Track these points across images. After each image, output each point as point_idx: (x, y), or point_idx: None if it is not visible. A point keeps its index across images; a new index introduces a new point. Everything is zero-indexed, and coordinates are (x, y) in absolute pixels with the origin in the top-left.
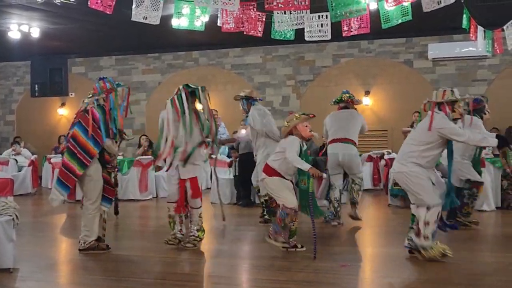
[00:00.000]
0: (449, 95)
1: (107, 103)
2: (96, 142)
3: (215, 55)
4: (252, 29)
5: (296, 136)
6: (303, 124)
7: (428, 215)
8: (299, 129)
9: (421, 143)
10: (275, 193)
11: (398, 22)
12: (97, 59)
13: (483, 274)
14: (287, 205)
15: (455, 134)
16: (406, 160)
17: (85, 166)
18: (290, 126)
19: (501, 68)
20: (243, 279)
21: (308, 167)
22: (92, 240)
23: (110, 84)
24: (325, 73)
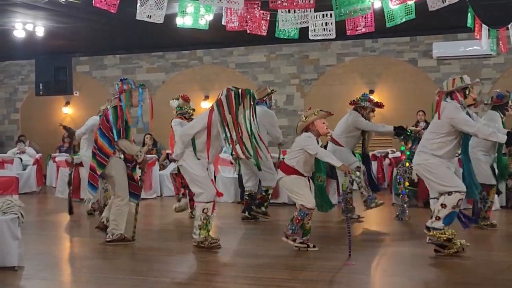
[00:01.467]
0: (459, 82)
1: (119, 104)
2: (110, 143)
3: (219, 53)
4: (256, 28)
5: (312, 133)
6: (321, 121)
7: (447, 199)
8: (317, 125)
9: (437, 134)
10: (294, 192)
11: (402, 21)
12: (102, 57)
13: (492, 273)
14: (307, 205)
15: (465, 125)
16: (425, 152)
17: (103, 165)
18: (308, 121)
19: (506, 67)
20: (245, 277)
21: (340, 164)
22: (119, 233)
23: (128, 85)
24: (330, 72)
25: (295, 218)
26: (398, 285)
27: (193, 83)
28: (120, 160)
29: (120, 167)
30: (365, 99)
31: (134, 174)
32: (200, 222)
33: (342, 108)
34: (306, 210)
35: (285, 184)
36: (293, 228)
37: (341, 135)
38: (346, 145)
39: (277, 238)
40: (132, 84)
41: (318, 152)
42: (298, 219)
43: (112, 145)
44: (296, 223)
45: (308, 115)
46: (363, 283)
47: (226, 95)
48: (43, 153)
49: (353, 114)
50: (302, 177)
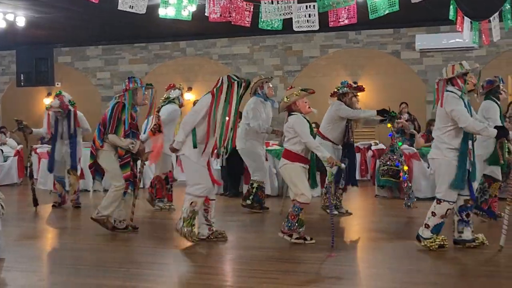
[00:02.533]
0: (459, 69)
1: (121, 101)
2: (99, 135)
3: (202, 45)
4: (239, 19)
5: (297, 112)
6: (303, 100)
7: (437, 207)
8: (299, 105)
9: (445, 127)
10: (292, 182)
11: (385, 13)
12: (84, 48)
13: (475, 264)
14: (301, 201)
15: (459, 119)
16: (439, 147)
17: (93, 156)
18: (290, 102)
19: (488, 59)
20: (226, 268)
21: (327, 156)
22: (103, 215)
23: (134, 83)
24: (313, 64)
25: (290, 215)
26: (379, 277)
27: (176, 74)
28: (109, 152)
29: (110, 158)
30: (343, 86)
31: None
32: (185, 215)
33: (325, 99)
34: (300, 204)
35: (285, 171)
36: (290, 224)
37: (327, 126)
38: (333, 138)
39: (259, 229)
40: (138, 83)
41: (307, 142)
42: (294, 215)
43: (101, 138)
44: (292, 220)
45: (289, 94)
46: (344, 274)
47: (229, 85)
48: (25, 144)
49: (335, 104)
50: (303, 166)
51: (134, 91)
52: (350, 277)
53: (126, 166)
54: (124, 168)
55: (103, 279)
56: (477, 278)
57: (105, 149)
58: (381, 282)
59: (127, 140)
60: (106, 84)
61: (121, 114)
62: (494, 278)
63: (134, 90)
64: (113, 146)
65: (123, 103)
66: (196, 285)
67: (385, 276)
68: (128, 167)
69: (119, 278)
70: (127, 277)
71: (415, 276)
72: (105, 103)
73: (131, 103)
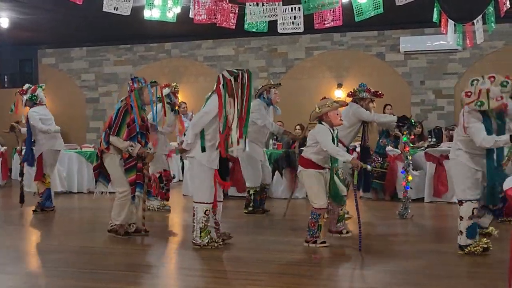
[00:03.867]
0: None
1: (128, 102)
2: (105, 138)
3: (188, 47)
4: (224, 21)
5: (326, 123)
6: (334, 112)
7: (461, 209)
8: (330, 117)
9: (463, 135)
10: (307, 188)
11: (371, 15)
12: (68, 50)
13: (465, 265)
14: (317, 207)
15: (473, 136)
16: (454, 147)
17: (98, 158)
18: (321, 112)
19: (472, 62)
20: (211, 270)
21: (350, 158)
22: (114, 225)
23: (138, 83)
24: (298, 66)
25: (310, 223)
26: (364, 277)
27: (161, 76)
28: (114, 156)
29: (114, 163)
30: (363, 90)
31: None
32: (201, 225)
33: (310, 101)
34: (317, 211)
35: (302, 178)
36: (311, 233)
37: (341, 129)
38: (346, 140)
39: (246, 231)
40: (142, 82)
41: (328, 149)
42: (313, 223)
43: (106, 141)
44: (312, 227)
45: (321, 105)
46: (329, 275)
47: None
48: (8, 146)
49: (353, 106)
50: (319, 172)
51: (140, 91)
52: (335, 278)
53: (131, 170)
54: (129, 172)
55: (89, 281)
56: (461, 279)
57: (110, 152)
58: (365, 283)
59: (126, 142)
60: (91, 85)
61: (124, 117)
62: (478, 280)
63: (140, 90)
64: (118, 149)
65: (130, 105)
66: (178, 286)
67: (371, 278)
68: (133, 170)
69: (103, 280)
70: (112, 279)
71: (399, 277)
72: (90, 105)
73: (140, 104)
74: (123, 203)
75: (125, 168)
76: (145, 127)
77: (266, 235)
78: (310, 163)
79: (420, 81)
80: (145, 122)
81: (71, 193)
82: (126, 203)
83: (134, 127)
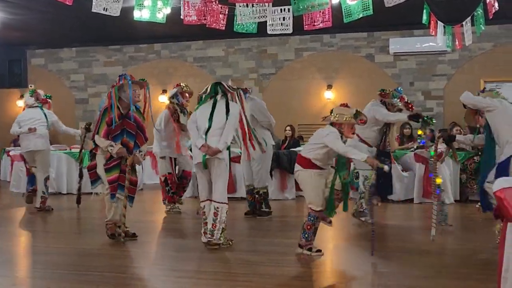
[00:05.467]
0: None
1: (108, 99)
2: (92, 138)
3: (177, 47)
4: (214, 22)
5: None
6: (350, 126)
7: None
8: (344, 128)
9: None
10: (305, 189)
11: (360, 17)
12: (57, 50)
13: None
14: (315, 208)
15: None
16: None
17: (92, 157)
18: (337, 121)
19: (461, 63)
20: (198, 271)
21: (365, 157)
22: (108, 220)
23: (124, 80)
24: (288, 67)
25: (306, 225)
26: (353, 278)
27: (151, 77)
28: (100, 156)
29: (101, 163)
30: (397, 96)
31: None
32: (224, 225)
33: (299, 102)
34: (315, 213)
35: (299, 178)
36: (306, 236)
37: (364, 128)
38: (368, 139)
39: (235, 232)
40: (128, 79)
41: (340, 149)
42: (309, 225)
43: (93, 141)
44: (308, 230)
45: (340, 114)
46: (317, 276)
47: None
48: None
49: (374, 105)
50: (319, 173)
51: (120, 87)
52: (323, 279)
53: (111, 170)
54: (109, 172)
55: (77, 283)
56: (452, 281)
57: (99, 153)
58: (355, 284)
59: (106, 142)
60: (80, 86)
61: (104, 114)
62: (467, 281)
63: (121, 87)
64: (104, 150)
65: (110, 104)
66: None
67: (359, 279)
68: (114, 170)
69: (93, 282)
70: (101, 281)
71: (387, 279)
72: (79, 106)
73: (118, 100)
74: (110, 203)
75: (106, 167)
76: (137, 128)
77: (255, 236)
78: (310, 164)
79: (410, 83)
80: (139, 123)
81: (60, 194)
82: (111, 204)
83: (111, 127)
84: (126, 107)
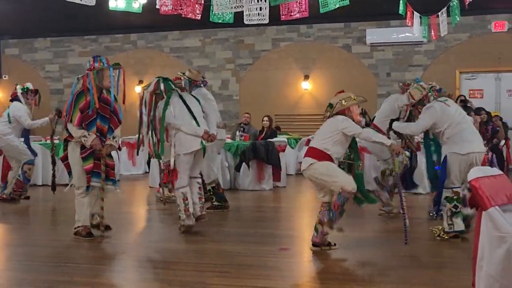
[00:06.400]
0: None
1: (85, 83)
2: (65, 126)
3: (154, 38)
4: (190, 12)
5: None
6: (356, 107)
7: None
8: (352, 111)
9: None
10: (328, 177)
11: (336, 7)
12: (32, 40)
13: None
14: (347, 189)
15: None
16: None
17: (65, 147)
18: (346, 105)
19: (437, 54)
20: (177, 262)
21: (389, 142)
22: (77, 226)
23: (99, 63)
24: (265, 57)
25: (334, 204)
26: (329, 268)
27: (127, 67)
28: (75, 145)
29: (75, 153)
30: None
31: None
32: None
33: (277, 92)
34: (347, 194)
35: (316, 171)
36: (331, 215)
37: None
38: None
39: (211, 223)
40: (104, 62)
41: (362, 132)
42: (338, 205)
43: (66, 128)
44: (335, 210)
45: (346, 97)
46: (294, 266)
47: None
48: None
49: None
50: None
51: (99, 72)
52: (302, 269)
53: (87, 158)
54: (85, 160)
55: (53, 275)
56: (428, 270)
57: (73, 141)
58: (330, 273)
59: (79, 131)
60: (55, 76)
61: (78, 100)
62: (442, 270)
63: (100, 71)
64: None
65: (86, 87)
66: (145, 279)
67: (335, 268)
68: (90, 158)
69: (68, 273)
70: (76, 273)
71: (366, 269)
72: (54, 96)
73: (96, 85)
74: (81, 202)
75: (82, 156)
76: (111, 111)
77: (232, 227)
78: (326, 156)
79: (386, 73)
80: (111, 105)
81: (35, 186)
82: (83, 202)
83: (88, 112)
84: (98, 90)
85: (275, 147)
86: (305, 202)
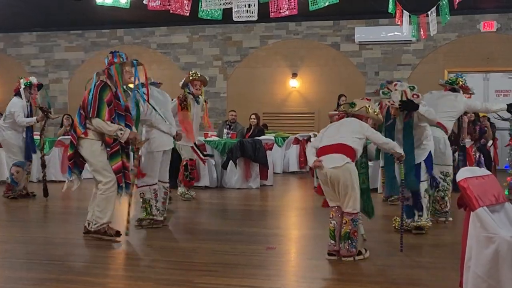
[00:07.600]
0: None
1: (107, 78)
2: (81, 121)
3: (141, 33)
4: (178, 8)
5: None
6: (372, 122)
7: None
8: (368, 122)
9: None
10: (351, 186)
11: (325, 5)
12: (17, 35)
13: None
14: (358, 210)
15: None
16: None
17: (73, 146)
18: (369, 116)
19: (425, 53)
20: (165, 260)
21: (402, 151)
22: (103, 223)
23: (119, 58)
24: (253, 54)
25: (352, 232)
26: (318, 268)
27: None
28: (94, 142)
29: (95, 149)
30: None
31: (126, 161)
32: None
33: (265, 90)
34: (357, 216)
35: (347, 172)
36: (354, 243)
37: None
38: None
39: (199, 221)
40: (124, 58)
41: (389, 143)
42: (355, 231)
43: (82, 124)
44: (355, 237)
45: (374, 110)
46: (283, 265)
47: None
48: None
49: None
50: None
51: (121, 66)
52: (289, 269)
53: (115, 156)
54: (113, 159)
55: (39, 272)
56: (414, 269)
57: (89, 138)
58: (319, 273)
59: (114, 126)
60: (41, 71)
61: (102, 94)
62: (430, 270)
63: (121, 65)
64: (99, 134)
65: (105, 82)
66: (132, 277)
67: (324, 268)
68: (118, 156)
69: (54, 271)
70: (63, 271)
71: (352, 268)
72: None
73: (120, 81)
74: (109, 196)
75: (110, 154)
76: (125, 109)
77: (219, 226)
78: (355, 157)
79: (375, 72)
80: (125, 103)
81: (31, 182)
82: (112, 196)
83: (115, 105)
84: (114, 85)
85: (263, 145)
86: (292, 201)
